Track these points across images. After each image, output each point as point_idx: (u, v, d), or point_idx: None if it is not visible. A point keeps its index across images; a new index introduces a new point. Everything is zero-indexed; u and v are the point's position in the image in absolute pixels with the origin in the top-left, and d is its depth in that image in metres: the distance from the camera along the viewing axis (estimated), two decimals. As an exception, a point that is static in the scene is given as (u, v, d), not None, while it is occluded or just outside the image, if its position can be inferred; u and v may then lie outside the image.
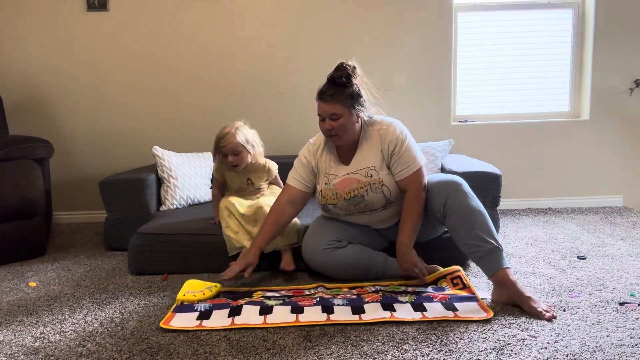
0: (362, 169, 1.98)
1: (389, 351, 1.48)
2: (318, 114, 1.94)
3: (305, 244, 2.09)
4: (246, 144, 2.26)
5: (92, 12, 3.23)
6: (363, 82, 1.95)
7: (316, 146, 2.09)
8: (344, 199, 2.00)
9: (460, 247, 1.87)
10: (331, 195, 2.02)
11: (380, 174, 1.97)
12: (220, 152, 2.27)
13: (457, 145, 3.28)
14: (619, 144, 3.39)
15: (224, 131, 2.25)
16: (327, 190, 2.02)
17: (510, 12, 3.36)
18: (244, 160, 2.28)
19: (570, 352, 1.44)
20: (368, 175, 1.97)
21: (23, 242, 2.55)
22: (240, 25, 3.27)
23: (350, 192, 1.98)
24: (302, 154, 2.11)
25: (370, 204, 1.99)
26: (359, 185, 1.97)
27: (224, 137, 2.23)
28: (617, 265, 2.19)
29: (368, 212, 2.04)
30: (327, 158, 2.05)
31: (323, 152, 2.07)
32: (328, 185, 2.02)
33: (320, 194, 2.06)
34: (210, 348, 1.54)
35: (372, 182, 1.96)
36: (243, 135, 2.26)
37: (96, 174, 3.35)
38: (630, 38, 3.28)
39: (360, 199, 1.98)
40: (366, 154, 1.99)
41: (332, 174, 2.03)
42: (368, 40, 3.28)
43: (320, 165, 2.07)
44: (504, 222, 3.04)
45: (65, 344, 1.61)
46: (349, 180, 1.99)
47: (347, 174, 2.00)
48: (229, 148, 2.24)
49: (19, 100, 3.31)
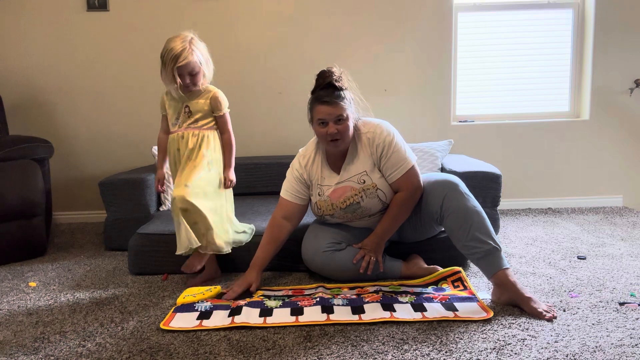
0: (354, 175, 1.96)
1: (389, 351, 1.48)
2: (319, 119, 1.88)
3: (305, 245, 2.09)
4: (204, 63, 1.97)
5: (92, 12, 3.23)
6: (353, 87, 1.94)
7: (306, 158, 2.04)
8: (340, 209, 1.98)
9: (459, 248, 1.87)
10: (327, 206, 2.00)
11: (373, 177, 1.95)
12: (175, 72, 1.91)
13: (457, 145, 3.28)
14: (619, 144, 3.39)
15: (178, 45, 1.90)
16: (322, 202, 2.00)
17: (510, 12, 3.36)
18: (198, 82, 1.98)
19: (570, 352, 1.44)
20: (361, 182, 1.95)
21: (23, 242, 2.55)
22: (240, 25, 3.27)
23: (345, 200, 1.96)
24: (292, 167, 2.07)
25: (367, 210, 1.99)
26: (353, 193, 1.95)
27: (181, 54, 1.89)
28: (617, 265, 2.19)
29: (367, 217, 2.04)
30: (318, 168, 2.01)
31: (314, 163, 2.02)
32: (322, 196, 2.00)
33: (315, 206, 2.04)
34: (210, 348, 1.54)
35: (365, 187, 1.94)
36: (199, 52, 1.96)
37: (96, 174, 3.35)
38: (630, 38, 3.28)
39: (356, 207, 1.97)
40: (356, 160, 1.96)
41: (325, 185, 2.00)
42: (368, 40, 3.28)
43: (312, 176, 2.03)
44: (504, 222, 3.04)
45: (65, 344, 1.61)
46: (343, 189, 1.96)
47: (339, 182, 1.98)
48: (188, 68, 1.92)
49: (19, 100, 3.31)
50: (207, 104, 2.03)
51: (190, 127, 2.02)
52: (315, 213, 2.09)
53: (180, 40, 1.93)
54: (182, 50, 1.90)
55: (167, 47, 1.92)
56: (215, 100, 2.03)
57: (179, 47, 1.91)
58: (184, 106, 2.02)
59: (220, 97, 2.05)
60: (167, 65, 1.92)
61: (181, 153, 2.03)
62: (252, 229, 2.26)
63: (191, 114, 2.02)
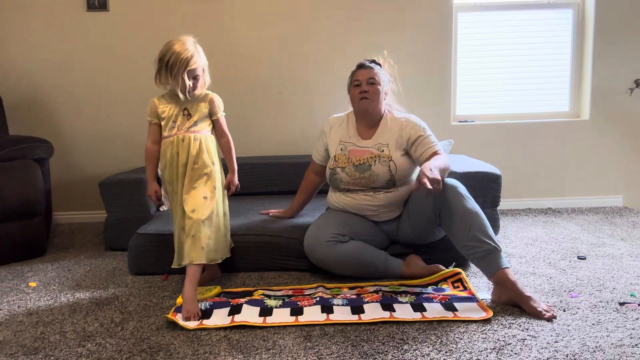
0: (377, 144, 2.12)
1: (389, 351, 1.48)
2: (355, 80, 2.12)
3: (308, 236, 2.11)
4: (205, 68, 1.99)
5: (92, 12, 3.23)
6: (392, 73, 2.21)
7: (340, 120, 2.25)
8: (353, 165, 2.10)
9: (459, 249, 1.88)
10: (343, 159, 2.14)
11: (392, 151, 2.09)
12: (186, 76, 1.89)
13: (457, 145, 3.28)
14: (619, 144, 3.39)
15: (188, 48, 1.90)
16: (341, 155, 2.15)
17: (511, 12, 3.36)
18: (198, 86, 1.97)
19: (570, 352, 1.44)
20: (380, 150, 2.10)
21: (23, 242, 2.55)
22: (240, 25, 3.27)
23: (360, 159, 2.10)
24: (323, 126, 2.30)
25: (375, 176, 2.06)
26: (370, 156, 2.10)
27: (192, 58, 1.89)
28: (617, 266, 2.19)
29: (370, 191, 2.08)
30: (347, 129, 2.20)
31: (344, 124, 2.22)
32: (344, 151, 2.16)
33: (333, 159, 2.17)
34: (210, 348, 1.54)
35: (382, 155, 2.08)
36: (203, 56, 1.97)
37: (96, 174, 3.35)
38: (630, 38, 3.28)
39: (367, 167, 2.08)
40: (384, 135, 2.13)
41: (349, 142, 2.16)
42: (368, 40, 3.28)
43: (333, 135, 2.21)
44: (504, 222, 3.04)
45: (65, 344, 1.61)
46: (363, 151, 2.12)
47: (362, 146, 2.14)
48: (195, 72, 1.92)
49: (19, 100, 3.31)
50: (206, 106, 2.01)
51: (190, 131, 1.98)
52: (329, 167, 2.19)
53: (186, 43, 1.91)
54: (193, 54, 1.90)
55: (174, 50, 1.88)
56: (212, 103, 2.01)
57: (191, 51, 1.89)
58: (183, 109, 2.00)
59: (217, 100, 2.04)
60: (175, 69, 1.89)
61: (180, 157, 1.97)
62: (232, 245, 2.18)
63: (190, 116, 1.99)
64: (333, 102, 3.21)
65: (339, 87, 2.67)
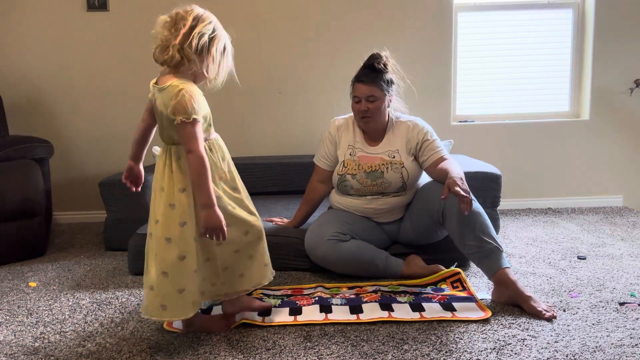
0: (387, 150, 2.10)
1: (389, 351, 1.48)
2: (354, 96, 2.06)
3: (309, 234, 2.11)
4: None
5: (92, 12, 3.23)
6: (397, 71, 2.13)
7: (343, 124, 2.18)
8: (364, 171, 2.08)
9: (460, 248, 1.88)
10: (353, 165, 2.10)
11: (403, 157, 2.08)
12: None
13: (457, 145, 3.27)
14: (619, 144, 3.39)
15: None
16: (350, 161, 2.11)
17: (510, 12, 3.36)
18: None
19: (570, 352, 1.44)
20: (391, 156, 2.08)
21: (23, 242, 2.55)
22: (240, 26, 3.26)
23: (372, 166, 2.08)
24: (328, 130, 2.21)
25: (387, 183, 2.06)
26: (381, 162, 2.08)
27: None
28: (617, 265, 2.19)
29: (381, 196, 2.08)
30: (354, 134, 2.15)
31: (348, 129, 2.16)
32: (353, 156, 2.11)
33: (342, 164, 2.13)
34: (210, 348, 1.54)
35: (394, 162, 2.07)
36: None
37: (96, 174, 3.34)
38: (630, 38, 3.27)
39: (379, 175, 2.06)
40: (392, 141, 2.11)
41: (357, 148, 2.12)
42: (368, 40, 3.27)
43: (343, 138, 2.15)
44: (504, 222, 3.04)
45: (65, 344, 1.61)
46: (374, 158, 2.10)
47: (372, 153, 2.11)
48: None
49: (19, 100, 3.31)
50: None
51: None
52: (338, 172, 2.13)
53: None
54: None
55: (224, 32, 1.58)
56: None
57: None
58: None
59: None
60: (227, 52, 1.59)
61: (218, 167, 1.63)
62: None
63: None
64: (333, 102, 3.21)
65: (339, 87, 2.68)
